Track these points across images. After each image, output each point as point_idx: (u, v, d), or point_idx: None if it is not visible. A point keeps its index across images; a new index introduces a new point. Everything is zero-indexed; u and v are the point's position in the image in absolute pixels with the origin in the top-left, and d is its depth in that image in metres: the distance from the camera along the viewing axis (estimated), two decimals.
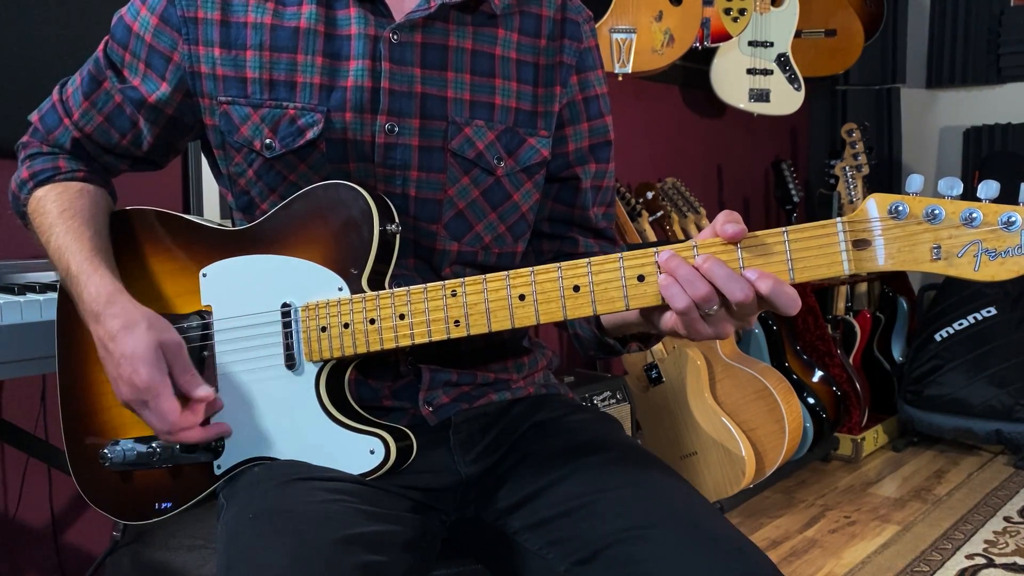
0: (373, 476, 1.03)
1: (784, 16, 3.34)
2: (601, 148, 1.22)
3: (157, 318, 1.04)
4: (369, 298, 1.02)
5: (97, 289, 1.05)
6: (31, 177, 1.18)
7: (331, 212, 1.05)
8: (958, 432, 3.36)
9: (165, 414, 1.01)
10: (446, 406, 1.13)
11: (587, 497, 1.02)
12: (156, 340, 1.01)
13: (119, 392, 1.03)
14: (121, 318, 1.02)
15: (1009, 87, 4.02)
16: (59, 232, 1.11)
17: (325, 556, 0.90)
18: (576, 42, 1.18)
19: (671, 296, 0.88)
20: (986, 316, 3.38)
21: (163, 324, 1.03)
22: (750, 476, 2.67)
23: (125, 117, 1.17)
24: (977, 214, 0.79)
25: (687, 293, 0.87)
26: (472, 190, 1.12)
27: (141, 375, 0.99)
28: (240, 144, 1.11)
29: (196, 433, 1.04)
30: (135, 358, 1.00)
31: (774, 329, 3.16)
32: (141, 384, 1.00)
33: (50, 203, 1.14)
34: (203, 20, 1.10)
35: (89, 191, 1.17)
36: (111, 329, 1.02)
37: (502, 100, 1.13)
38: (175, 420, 1.01)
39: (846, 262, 0.84)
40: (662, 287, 0.88)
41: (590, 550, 0.98)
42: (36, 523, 1.94)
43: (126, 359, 1.00)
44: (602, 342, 1.10)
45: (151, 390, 1.00)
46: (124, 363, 1.00)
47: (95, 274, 1.06)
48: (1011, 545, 2.60)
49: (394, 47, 1.08)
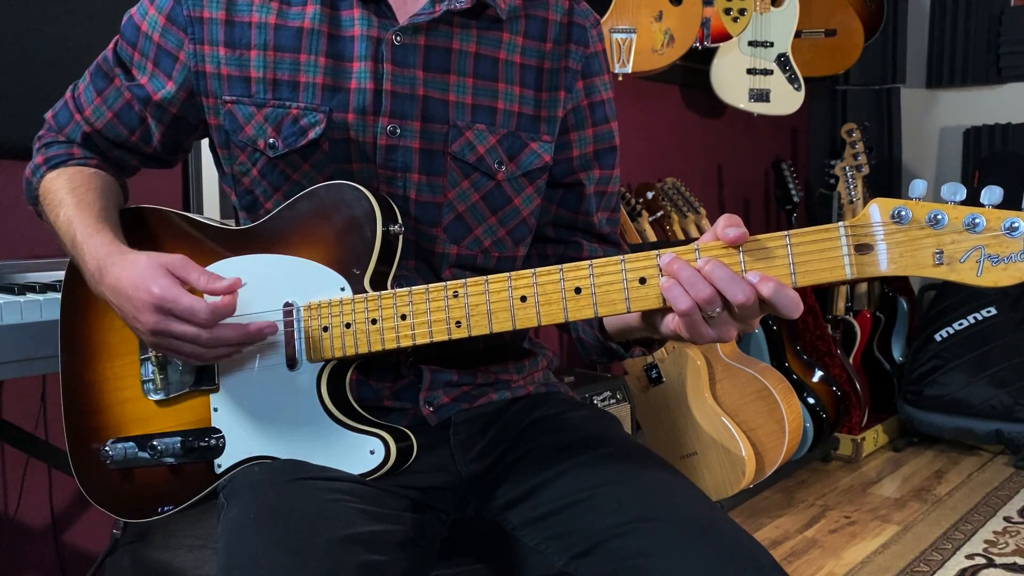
0: (373, 476, 1.04)
1: (784, 16, 3.34)
2: (606, 154, 1.22)
3: (155, 252, 1.03)
4: (371, 298, 1.02)
5: (98, 250, 1.06)
6: (45, 162, 1.20)
7: (334, 212, 1.05)
8: (958, 432, 3.37)
9: (195, 312, 0.97)
10: (446, 406, 1.13)
11: (585, 492, 1.03)
12: (157, 262, 1.00)
13: (141, 325, 1.00)
14: (121, 263, 1.03)
15: (1009, 87, 4.01)
16: (68, 205, 1.12)
17: (325, 556, 0.90)
18: (582, 47, 1.18)
19: (673, 298, 0.88)
20: (986, 316, 3.38)
21: (161, 253, 1.03)
22: (750, 476, 2.67)
23: (134, 114, 1.18)
24: (980, 219, 0.79)
25: (689, 295, 0.87)
26: (472, 194, 1.12)
27: (152, 291, 0.97)
28: (244, 143, 1.11)
29: (237, 328, 1.01)
30: (143, 280, 0.98)
31: (774, 329, 3.16)
32: (155, 299, 0.97)
33: (62, 181, 1.16)
34: (208, 20, 1.11)
35: (101, 175, 1.19)
36: (116, 274, 1.02)
37: (504, 104, 1.13)
38: (205, 310, 0.98)
39: (848, 266, 0.84)
40: (664, 289, 0.88)
41: (588, 544, 0.98)
42: (36, 523, 1.94)
43: (136, 288, 0.99)
44: (605, 347, 1.10)
45: (167, 297, 0.97)
46: (135, 292, 0.99)
47: (97, 236, 1.07)
48: (1011, 545, 2.60)
49: (396, 49, 1.08)
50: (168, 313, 0.98)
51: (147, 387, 1.12)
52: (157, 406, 1.12)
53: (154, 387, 1.12)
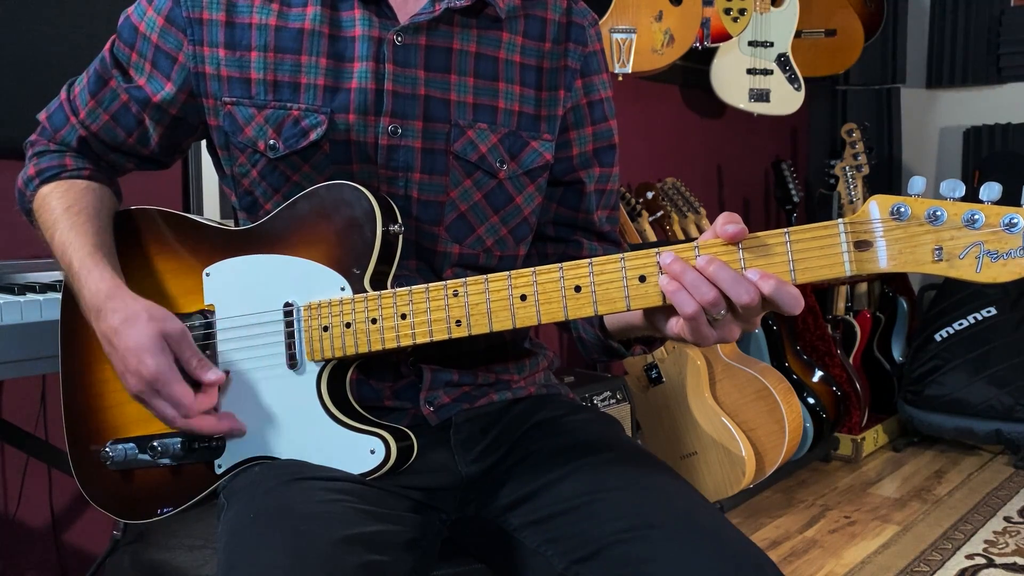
0: (373, 476, 1.03)
1: (784, 16, 3.34)
2: (605, 152, 1.22)
3: (157, 308, 1.04)
4: (371, 298, 1.02)
5: (97, 285, 1.05)
6: (37, 174, 1.18)
7: (334, 212, 1.05)
8: (958, 432, 3.37)
9: (179, 399, 1.01)
10: (447, 406, 1.13)
11: (587, 496, 1.02)
12: (158, 330, 1.01)
13: (128, 386, 1.03)
14: (121, 312, 1.02)
15: (1009, 87, 4.02)
16: (63, 228, 1.11)
17: (326, 556, 0.90)
18: (581, 46, 1.18)
19: (679, 303, 0.87)
20: (986, 316, 3.38)
21: (163, 314, 1.03)
22: (750, 476, 2.67)
23: (131, 116, 1.17)
24: (979, 216, 0.79)
25: (694, 299, 0.87)
26: (474, 193, 1.12)
27: (148, 365, 1.00)
28: (244, 145, 1.11)
29: (210, 421, 1.04)
30: (140, 350, 1.00)
31: (774, 329, 3.16)
32: (148, 375, 1.00)
33: (55, 200, 1.15)
34: (208, 21, 1.11)
35: (94, 189, 1.18)
36: (112, 324, 1.02)
37: (505, 103, 1.13)
38: (189, 403, 1.01)
39: (848, 263, 0.84)
40: (669, 294, 0.88)
41: (589, 549, 0.98)
42: (36, 523, 1.94)
43: (131, 352, 1.01)
44: (606, 345, 1.10)
45: (159, 379, 1.00)
46: (129, 356, 1.01)
47: (95, 269, 1.07)
48: (1011, 545, 2.60)
49: (398, 49, 1.08)
50: (155, 392, 1.01)
51: None
52: None
53: None
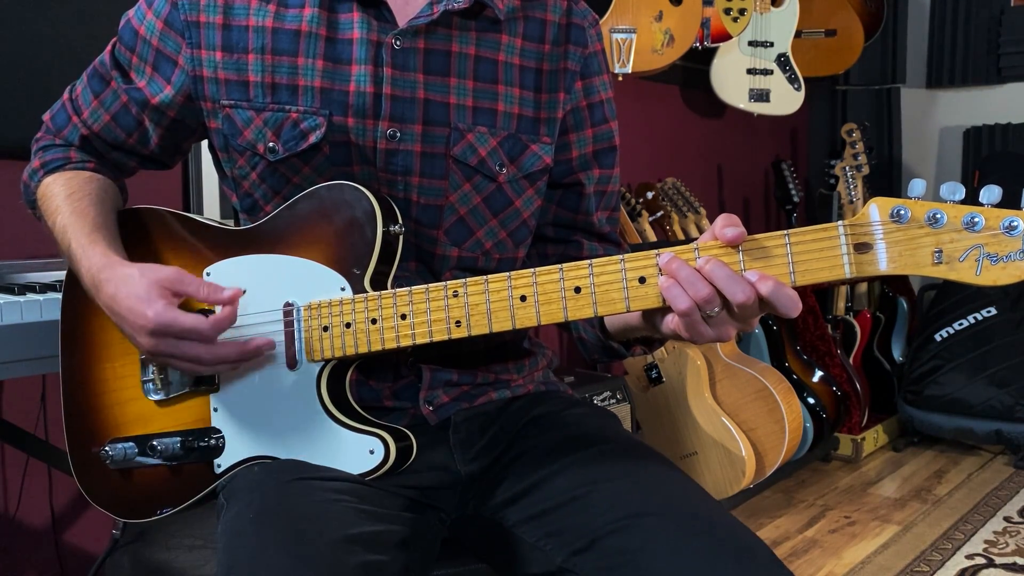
0: (373, 476, 1.04)
1: (784, 16, 3.34)
2: (605, 154, 1.22)
3: (149, 265, 1.03)
4: (371, 298, 1.02)
5: (91, 261, 1.06)
6: (42, 166, 1.20)
7: (335, 212, 1.05)
8: (958, 432, 3.37)
9: (192, 326, 0.99)
10: (446, 405, 1.13)
11: (584, 488, 1.03)
12: (151, 280, 1.00)
13: (141, 346, 1.02)
14: (115, 279, 1.03)
15: (1009, 87, 4.02)
16: (64, 212, 1.12)
17: (325, 556, 0.90)
18: (581, 47, 1.18)
19: (673, 297, 0.88)
20: (986, 316, 3.38)
21: (155, 267, 1.03)
22: (750, 476, 2.67)
23: (131, 117, 1.18)
24: (979, 218, 0.79)
25: (688, 294, 0.87)
26: (474, 196, 1.12)
27: (148, 316, 0.98)
28: (243, 147, 1.11)
29: (233, 348, 1.02)
30: (137, 303, 0.99)
31: (774, 329, 3.16)
32: (151, 324, 0.98)
33: (58, 187, 1.16)
34: (205, 24, 1.11)
35: (98, 179, 1.19)
36: (109, 292, 1.02)
37: (505, 106, 1.13)
38: (205, 328, 0.99)
39: (847, 265, 0.84)
40: (664, 289, 0.88)
41: (587, 540, 0.99)
42: (36, 523, 1.94)
43: (131, 312, 1.00)
44: (606, 346, 1.10)
45: (162, 321, 0.98)
46: (131, 315, 1.00)
47: (90, 247, 1.07)
48: (1011, 545, 2.60)
49: (396, 53, 1.08)
50: (166, 335, 0.99)
51: (147, 387, 1.12)
52: (157, 406, 1.12)
53: (154, 387, 1.12)
